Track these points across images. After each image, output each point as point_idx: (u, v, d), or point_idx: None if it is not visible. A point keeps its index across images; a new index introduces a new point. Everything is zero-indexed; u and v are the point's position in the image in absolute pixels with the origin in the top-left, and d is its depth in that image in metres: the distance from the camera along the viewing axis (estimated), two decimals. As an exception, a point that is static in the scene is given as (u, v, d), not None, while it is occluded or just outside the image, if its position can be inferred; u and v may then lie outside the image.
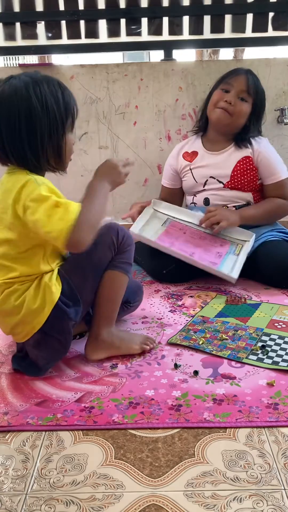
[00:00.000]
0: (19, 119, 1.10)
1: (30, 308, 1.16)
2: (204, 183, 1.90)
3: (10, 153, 1.13)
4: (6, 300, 1.17)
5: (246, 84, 1.80)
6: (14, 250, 1.16)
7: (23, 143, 1.11)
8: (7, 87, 1.11)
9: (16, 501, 0.85)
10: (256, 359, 1.26)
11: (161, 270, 1.81)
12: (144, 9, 2.26)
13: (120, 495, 0.85)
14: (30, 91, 1.10)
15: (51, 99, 1.12)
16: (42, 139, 1.12)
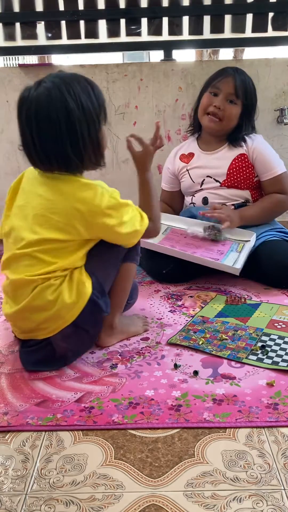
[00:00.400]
0: (59, 123, 1.12)
1: (65, 302, 1.17)
2: (201, 183, 1.91)
3: (54, 159, 1.16)
4: (40, 295, 1.17)
5: (233, 87, 1.79)
6: (59, 247, 1.18)
7: (65, 146, 1.14)
8: (41, 93, 1.13)
9: (16, 501, 0.85)
10: (256, 359, 1.26)
11: (160, 270, 1.81)
12: (144, 9, 2.26)
13: (120, 495, 0.85)
14: (64, 93, 1.12)
15: (84, 96, 1.15)
16: (83, 139, 1.15)
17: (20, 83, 2.26)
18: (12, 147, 2.36)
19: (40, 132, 1.13)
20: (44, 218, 1.18)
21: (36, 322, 1.20)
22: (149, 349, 1.34)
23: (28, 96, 1.14)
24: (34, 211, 1.19)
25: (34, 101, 1.13)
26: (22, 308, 1.19)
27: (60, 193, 1.18)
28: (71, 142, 1.14)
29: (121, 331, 1.38)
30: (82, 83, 1.17)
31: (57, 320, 1.19)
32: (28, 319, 1.21)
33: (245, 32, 2.29)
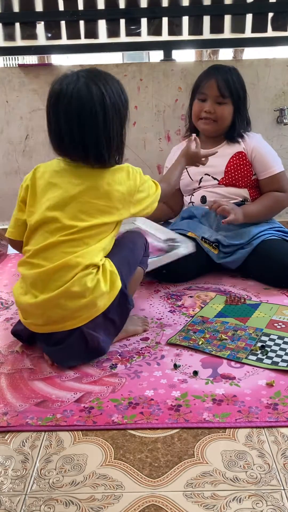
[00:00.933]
0: (98, 121, 1.18)
1: (101, 290, 1.21)
2: (199, 181, 1.91)
3: (91, 152, 1.21)
4: (80, 281, 1.19)
5: (217, 89, 1.79)
6: (103, 230, 1.26)
7: (102, 143, 1.20)
8: (82, 87, 1.18)
9: (15, 502, 0.85)
10: (255, 359, 1.26)
11: (160, 270, 1.80)
12: (143, 9, 2.26)
13: (120, 496, 0.85)
14: (102, 90, 1.18)
15: (117, 97, 1.22)
16: (113, 136, 1.22)
17: (20, 83, 2.27)
18: (12, 147, 2.36)
19: (81, 128, 1.19)
20: (89, 205, 1.23)
21: (70, 309, 1.20)
22: (148, 349, 1.34)
23: (67, 89, 1.18)
24: (76, 199, 1.23)
25: (76, 96, 1.17)
26: (58, 295, 1.18)
27: (99, 178, 1.24)
28: (106, 139, 1.21)
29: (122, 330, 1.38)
30: (114, 83, 1.23)
31: (91, 308, 1.21)
32: (61, 307, 1.19)
33: (245, 32, 2.29)
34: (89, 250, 1.22)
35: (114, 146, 1.24)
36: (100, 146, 1.21)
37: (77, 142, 1.20)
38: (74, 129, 1.19)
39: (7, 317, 1.56)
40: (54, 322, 1.22)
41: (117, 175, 1.26)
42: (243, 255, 1.78)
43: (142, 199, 1.32)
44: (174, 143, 2.30)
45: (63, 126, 1.20)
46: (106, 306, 1.24)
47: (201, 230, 1.84)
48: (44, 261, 1.22)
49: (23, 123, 2.32)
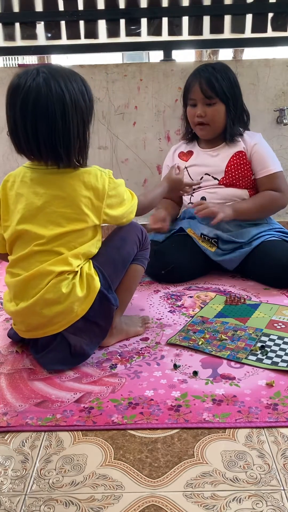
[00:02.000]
0: (55, 117, 1.12)
1: (77, 295, 1.20)
2: (200, 180, 1.90)
3: (44, 151, 1.16)
4: (54, 288, 1.18)
5: (201, 92, 1.79)
6: (77, 237, 1.22)
7: (56, 141, 1.14)
8: (41, 84, 1.11)
9: (15, 502, 0.85)
10: (255, 359, 1.26)
11: (159, 271, 1.81)
12: (143, 9, 2.26)
13: (120, 496, 0.85)
14: (62, 88, 1.13)
15: (80, 95, 1.16)
16: (73, 137, 1.16)
17: (20, 83, 2.26)
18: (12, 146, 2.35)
19: (35, 122, 1.12)
20: (57, 214, 1.20)
21: (47, 317, 1.20)
22: (148, 349, 1.34)
23: (25, 84, 1.12)
24: (42, 210, 1.20)
25: (33, 90, 1.11)
26: (34, 303, 1.19)
27: (65, 185, 1.19)
28: (63, 138, 1.14)
29: (121, 331, 1.38)
30: (78, 81, 1.18)
31: (69, 314, 1.20)
32: (39, 314, 1.20)
33: (245, 33, 2.29)
34: (62, 258, 1.19)
35: (75, 148, 1.18)
36: (57, 145, 1.14)
37: (31, 139, 1.14)
38: (28, 124, 1.12)
39: (7, 317, 1.56)
40: (35, 329, 1.24)
41: (84, 179, 1.20)
42: (242, 255, 1.78)
43: (116, 205, 1.26)
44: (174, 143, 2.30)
45: (18, 121, 1.13)
46: (85, 311, 1.22)
47: (200, 227, 1.85)
48: (22, 270, 1.22)
49: (23, 123, 2.32)
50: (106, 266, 1.28)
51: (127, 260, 1.36)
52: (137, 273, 1.41)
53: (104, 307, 1.26)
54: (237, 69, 2.23)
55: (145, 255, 1.43)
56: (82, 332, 1.25)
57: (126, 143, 2.32)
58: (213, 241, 1.82)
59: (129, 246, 1.35)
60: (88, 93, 1.19)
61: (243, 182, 1.87)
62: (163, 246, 1.85)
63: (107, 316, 1.29)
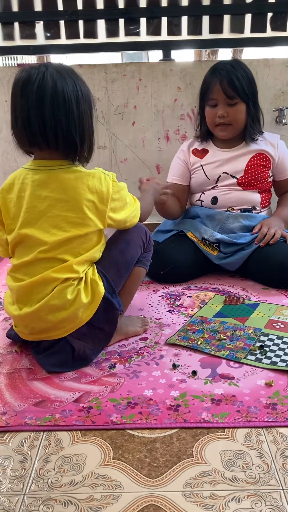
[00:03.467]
0: (71, 108, 1.15)
1: (82, 302, 1.19)
2: (217, 180, 1.88)
3: (62, 139, 1.16)
4: (60, 294, 1.18)
5: (224, 92, 1.75)
6: (80, 242, 1.21)
7: (74, 130, 1.16)
8: (54, 76, 1.13)
9: (14, 502, 0.85)
10: (254, 359, 1.26)
11: (158, 271, 1.80)
12: (142, 9, 2.26)
13: (119, 495, 0.85)
14: (74, 81, 1.16)
15: (88, 92, 1.20)
16: (85, 128, 1.19)
17: (19, 83, 2.26)
18: (11, 146, 2.35)
19: (53, 111, 1.13)
20: (60, 218, 1.18)
21: (52, 322, 1.20)
22: (147, 349, 1.34)
23: (37, 76, 1.13)
24: (45, 214, 1.18)
25: (49, 80, 1.13)
26: (39, 308, 1.18)
27: (69, 188, 1.18)
28: (78, 127, 1.16)
29: (120, 332, 1.38)
30: (80, 78, 1.21)
31: (74, 320, 1.20)
32: (43, 320, 1.20)
33: (244, 32, 2.30)
34: (67, 265, 1.18)
35: (86, 140, 1.19)
36: (73, 133, 1.15)
37: (49, 129, 1.14)
38: (46, 113, 1.12)
39: (6, 317, 1.56)
40: (39, 333, 1.24)
41: (88, 182, 1.19)
42: (244, 256, 1.77)
43: (119, 208, 1.25)
44: (173, 143, 2.30)
45: (33, 111, 1.13)
46: (90, 317, 1.22)
47: (201, 230, 1.84)
48: (25, 275, 1.21)
49: (22, 122, 2.32)
50: (109, 270, 1.27)
51: (131, 263, 1.35)
52: (139, 275, 1.41)
53: (109, 313, 1.26)
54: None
55: (148, 257, 1.43)
56: (86, 337, 1.24)
57: (125, 143, 2.32)
58: (214, 245, 1.81)
59: (133, 249, 1.34)
60: (87, 88, 1.22)
61: (260, 183, 1.86)
62: (162, 246, 1.85)
63: (112, 321, 1.28)
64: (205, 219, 1.86)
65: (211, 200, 1.89)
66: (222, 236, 1.78)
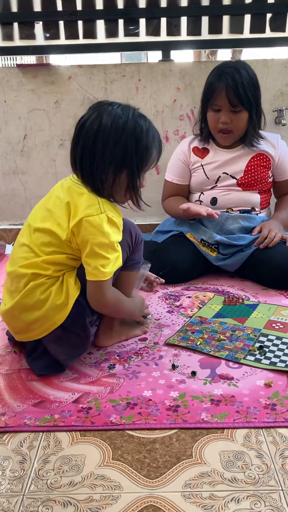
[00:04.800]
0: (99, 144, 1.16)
1: (54, 303, 1.17)
2: (217, 180, 1.88)
3: (96, 174, 1.17)
4: (31, 293, 1.17)
5: (228, 100, 1.72)
6: (54, 243, 1.19)
7: (99, 167, 1.17)
8: (117, 115, 1.17)
9: (13, 502, 0.85)
10: (253, 359, 1.26)
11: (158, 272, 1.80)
12: (142, 9, 2.26)
13: (118, 496, 0.85)
14: (115, 124, 1.16)
15: (134, 141, 1.17)
16: (107, 170, 1.17)
17: (18, 83, 2.26)
18: (10, 146, 2.36)
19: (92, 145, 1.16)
20: (49, 212, 1.21)
21: (25, 322, 1.19)
22: (147, 350, 1.34)
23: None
24: (46, 207, 1.23)
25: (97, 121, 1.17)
26: (13, 307, 1.20)
27: (71, 192, 1.20)
28: (103, 165, 1.17)
29: (119, 333, 1.38)
30: (135, 128, 1.18)
31: (46, 321, 1.18)
32: (18, 319, 1.20)
33: (243, 33, 2.30)
34: (34, 262, 1.18)
35: (107, 179, 1.19)
36: (97, 169, 1.19)
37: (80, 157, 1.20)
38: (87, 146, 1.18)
39: (5, 317, 1.56)
40: (19, 333, 1.25)
41: (85, 202, 1.16)
42: (242, 258, 1.77)
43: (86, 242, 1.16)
44: (172, 143, 2.30)
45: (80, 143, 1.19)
46: (62, 319, 1.18)
47: (201, 231, 1.84)
48: (9, 264, 1.25)
49: (21, 123, 2.32)
50: None
51: None
52: (131, 279, 1.36)
53: (82, 317, 1.21)
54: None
55: (137, 258, 1.36)
56: (61, 341, 1.21)
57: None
58: (213, 246, 1.81)
59: None
60: (147, 140, 1.19)
61: (259, 184, 1.86)
62: (162, 246, 1.85)
63: (84, 326, 1.23)
64: (204, 220, 1.85)
65: (210, 200, 1.89)
66: (221, 238, 1.78)
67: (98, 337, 1.35)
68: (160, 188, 2.05)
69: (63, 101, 2.28)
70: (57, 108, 2.30)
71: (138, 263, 1.38)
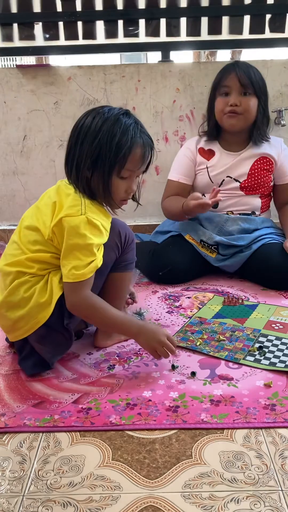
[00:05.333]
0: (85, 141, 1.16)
1: (38, 301, 1.17)
2: (220, 183, 1.86)
3: (75, 171, 1.18)
4: (15, 291, 1.18)
5: (239, 80, 1.72)
6: (40, 241, 1.20)
7: (82, 164, 1.17)
8: (103, 116, 1.16)
9: (13, 503, 0.85)
10: (253, 360, 1.26)
11: (157, 272, 1.80)
12: (141, 10, 2.26)
13: (118, 497, 0.85)
14: (102, 126, 1.15)
15: (108, 137, 1.14)
16: (88, 166, 1.17)
17: (18, 84, 2.26)
18: (10, 147, 2.36)
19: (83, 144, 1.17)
20: (38, 210, 1.23)
21: (11, 320, 1.20)
22: (146, 350, 1.34)
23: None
24: (37, 205, 1.25)
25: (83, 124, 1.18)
26: (0, 304, 1.20)
27: (60, 192, 1.20)
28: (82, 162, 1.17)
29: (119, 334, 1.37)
30: (113, 124, 1.16)
31: (30, 320, 1.18)
32: (5, 317, 1.21)
33: (243, 34, 2.30)
34: (20, 260, 1.19)
35: (87, 174, 1.18)
36: (79, 166, 1.19)
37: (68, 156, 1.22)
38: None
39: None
40: (7, 332, 1.26)
41: (69, 202, 1.16)
42: (242, 259, 1.77)
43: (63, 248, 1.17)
44: (172, 144, 2.31)
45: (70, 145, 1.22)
46: (46, 318, 1.17)
47: (200, 232, 1.83)
48: (3, 260, 1.26)
49: (21, 123, 2.32)
50: None
51: (103, 268, 1.22)
52: (123, 281, 1.34)
53: (61, 317, 1.20)
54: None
55: (128, 259, 1.33)
56: (45, 340, 1.21)
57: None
58: (213, 248, 1.81)
59: (104, 253, 1.20)
60: (122, 139, 1.15)
61: (262, 188, 1.85)
62: (160, 247, 1.85)
63: (65, 326, 1.21)
64: (204, 221, 1.85)
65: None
66: (221, 238, 1.78)
67: (97, 337, 1.35)
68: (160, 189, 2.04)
69: (62, 102, 2.28)
70: (56, 109, 2.30)
71: (132, 263, 1.36)
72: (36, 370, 1.23)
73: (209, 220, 1.84)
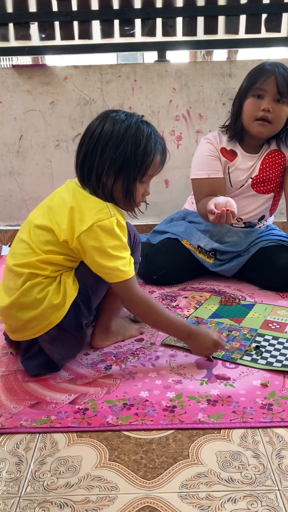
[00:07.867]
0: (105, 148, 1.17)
1: (51, 302, 1.17)
2: (239, 188, 1.79)
3: (95, 178, 1.18)
4: (28, 292, 1.17)
5: (276, 86, 1.61)
6: (53, 242, 1.19)
7: (101, 170, 1.17)
8: (124, 123, 1.18)
9: (9, 504, 0.85)
10: (250, 359, 1.26)
11: (151, 276, 1.80)
12: (137, 10, 2.26)
13: (115, 497, 0.85)
14: (126, 132, 1.17)
15: (133, 145, 1.16)
16: (113, 174, 1.17)
17: (14, 84, 2.26)
18: (6, 148, 2.35)
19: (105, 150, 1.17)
20: (51, 210, 1.21)
21: (22, 320, 1.19)
22: (143, 350, 1.34)
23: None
24: (48, 205, 1.24)
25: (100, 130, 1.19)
26: (10, 305, 1.19)
27: (76, 195, 1.20)
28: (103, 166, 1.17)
29: (116, 334, 1.38)
30: (136, 133, 1.17)
31: (43, 321, 1.18)
32: (15, 317, 1.20)
33: (239, 33, 2.30)
34: (31, 261, 1.18)
35: (109, 182, 1.19)
36: (99, 171, 1.19)
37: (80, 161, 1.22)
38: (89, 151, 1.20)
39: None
40: (15, 331, 1.24)
41: (91, 204, 1.17)
42: (240, 263, 1.76)
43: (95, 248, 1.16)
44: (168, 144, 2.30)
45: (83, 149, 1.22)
46: (59, 319, 1.18)
47: (197, 237, 1.81)
48: (9, 258, 1.25)
49: (17, 124, 2.32)
50: (87, 275, 1.20)
51: None
52: None
53: (78, 318, 1.21)
54: (231, 70, 2.24)
55: (135, 259, 1.31)
56: (56, 341, 1.21)
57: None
58: (210, 253, 1.80)
59: None
60: (147, 147, 1.18)
61: (273, 182, 1.78)
62: (154, 250, 1.82)
63: (80, 327, 1.23)
64: (203, 231, 1.81)
65: None
66: (219, 245, 1.76)
67: (94, 338, 1.35)
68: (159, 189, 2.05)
69: (59, 101, 2.28)
70: (53, 109, 2.29)
71: (137, 264, 1.37)
72: (40, 371, 1.22)
73: (210, 233, 1.81)
